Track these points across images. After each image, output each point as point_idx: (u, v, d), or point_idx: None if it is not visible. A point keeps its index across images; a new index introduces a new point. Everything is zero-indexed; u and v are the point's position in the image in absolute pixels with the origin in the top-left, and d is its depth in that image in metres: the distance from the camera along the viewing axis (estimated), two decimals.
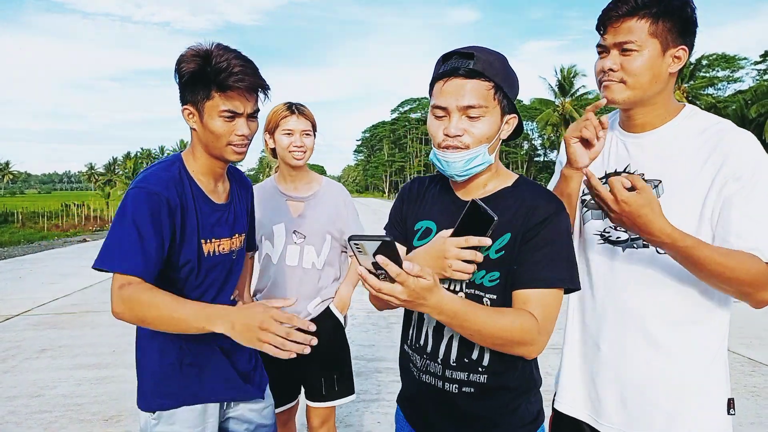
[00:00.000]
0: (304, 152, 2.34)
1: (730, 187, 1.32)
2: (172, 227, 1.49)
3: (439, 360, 1.37)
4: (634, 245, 1.47)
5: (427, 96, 1.38)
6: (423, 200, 1.48)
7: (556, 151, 79.45)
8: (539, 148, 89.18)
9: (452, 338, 1.35)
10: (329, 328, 2.41)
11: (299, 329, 1.29)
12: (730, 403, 1.46)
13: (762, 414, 3.91)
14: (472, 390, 1.34)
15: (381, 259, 1.06)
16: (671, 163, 1.43)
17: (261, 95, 1.57)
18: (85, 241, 18.86)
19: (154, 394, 1.60)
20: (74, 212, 31.07)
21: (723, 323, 1.46)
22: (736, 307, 1.50)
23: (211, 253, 1.60)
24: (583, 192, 1.60)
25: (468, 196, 1.37)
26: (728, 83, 58.21)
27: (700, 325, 1.44)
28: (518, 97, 1.39)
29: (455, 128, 1.27)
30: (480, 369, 1.33)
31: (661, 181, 1.43)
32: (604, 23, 1.44)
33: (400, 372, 1.57)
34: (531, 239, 1.28)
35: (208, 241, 1.59)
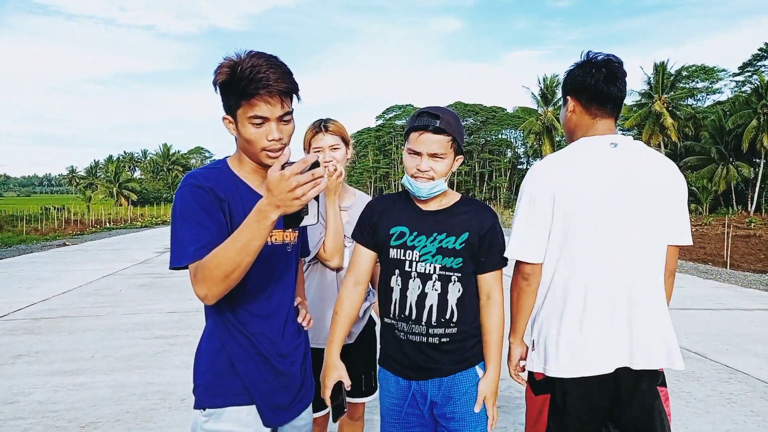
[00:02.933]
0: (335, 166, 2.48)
1: None
2: (223, 216, 1.56)
3: (423, 323, 1.96)
4: None
5: (411, 104, 1.52)
6: (392, 211, 2.04)
7: (538, 159, 80.00)
8: (522, 156, 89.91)
9: (432, 307, 1.96)
10: (368, 327, 2.63)
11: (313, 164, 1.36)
12: None
13: (738, 420, 3.97)
14: (448, 339, 1.97)
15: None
16: None
17: (295, 96, 1.62)
18: (65, 245, 18.59)
19: (207, 393, 1.66)
20: (54, 216, 30.62)
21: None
22: (711, 314, 1.55)
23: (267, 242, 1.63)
24: None
25: (428, 207, 2.00)
26: (707, 94, 59.21)
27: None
28: (501, 105, 1.49)
29: (425, 166, 1.90)
30: (452, 324, 1.96)
31: None
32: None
33: (381, 340, 2.13)
34: (486, 239, 1.97)
35: None
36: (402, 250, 1.97)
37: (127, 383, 4.61)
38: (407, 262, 1.96)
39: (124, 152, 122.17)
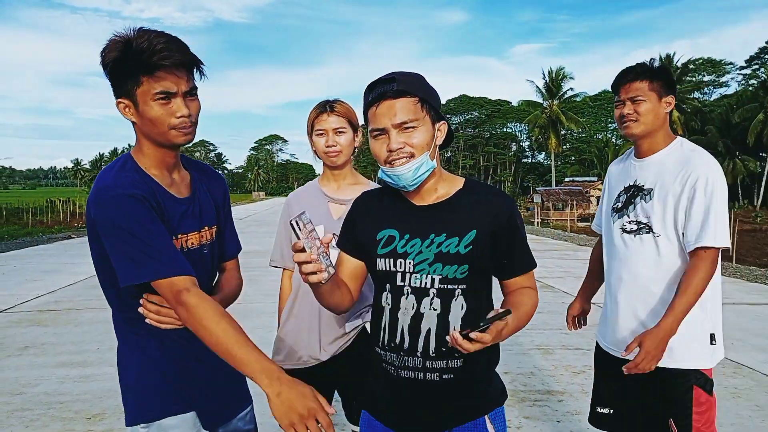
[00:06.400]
0: (339, 152, 2.20)
1: (689, 193, 2.01)
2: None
3: (418, 353, 1.50)
4: (642, 232, 2.12)
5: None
6: (378, 211, 1.62)
7: (543, 153, 79.88)
8: (527, 149, 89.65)
9: (429, 332, 1.50)
10: (360, 346, 2.24)
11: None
12: (713, 337, 2.07)
13: (743, 415, 3.96)
14: (452, 376, 1.50)
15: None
16: (660, 177, 2.10)
17: (198, 74, 1.48)
18: (70, 237, 18.68)
19: (140, 408, 1.54)
20: (60, 208, 30.75)
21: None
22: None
23: (184, 247, 1.54)
24: (615, 201, 2.27)
25: (423, 201, 1.56)
26: (714, 88, 58.86)
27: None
28: (506, 99, 1.48)
29: (396, 143, 1.44)
30: (456, 354, 1.48)
31: (652, 189, 2.11)
32: (617, 86, 2.18)
33: (371, 375, 1.66)
34: (505, 235, 1.53)
35: (176, 237, 1.52)
36: (391, 260, 1.53)
37: None
38: (398, 275, 1.52)
39: (129, 145, 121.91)
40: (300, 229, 1.24)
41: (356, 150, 2.30)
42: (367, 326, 2.26)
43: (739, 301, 8.15)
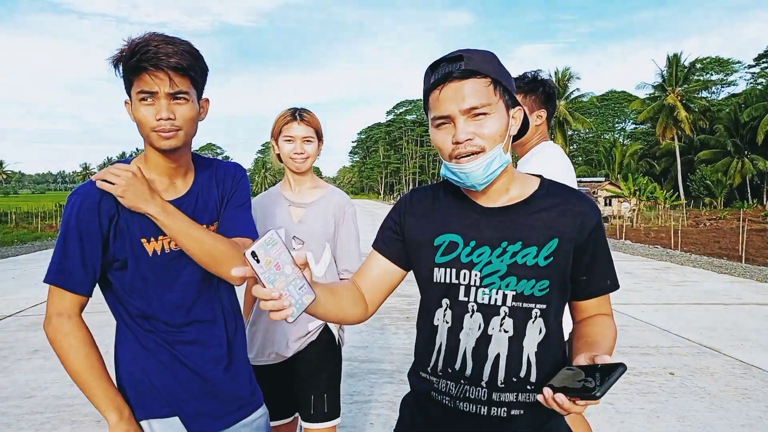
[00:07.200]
0: (306, 159, 2.31)
1: None
2: (106, 230, 1.47)
3: (483, 383, 1.25)
4: None
5: (422, 99, 1.34)
6: (433, 212, 1.37)
7: None
8: None
9: (498, 357, 1.25)
10: (325, 343, 2.31)
11: None
12: None
13: (752, 416, 3.93)
14: (522, 411, 1.25)
15: None
16: None
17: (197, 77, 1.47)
18: None
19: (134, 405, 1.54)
20: None
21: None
22: (726, 309, 1.54)
23: (158, 251, 1.51)
24: None
25: (492, 203, 1.31)
26: (722, 86, 58.54)
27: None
28: None
29: (464, 133, 1.20)
30: (529, 387, 1.25)
31: None
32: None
33: (408, 404, 1.43)
34: (589, 248, 1.30)
35: (152, 239, 1.50)
36: (453, 270, 1.29)
37: None
38: (462, 288, 1.28)
39: (137, 149, 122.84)
40: (259, 260, 1.01)
41: (318, 158, 2.41)
42: (330, 325, 2.31)
43: (749, 301, 8.09)
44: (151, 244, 1.49)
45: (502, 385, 1.24)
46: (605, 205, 37.03)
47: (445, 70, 1.22)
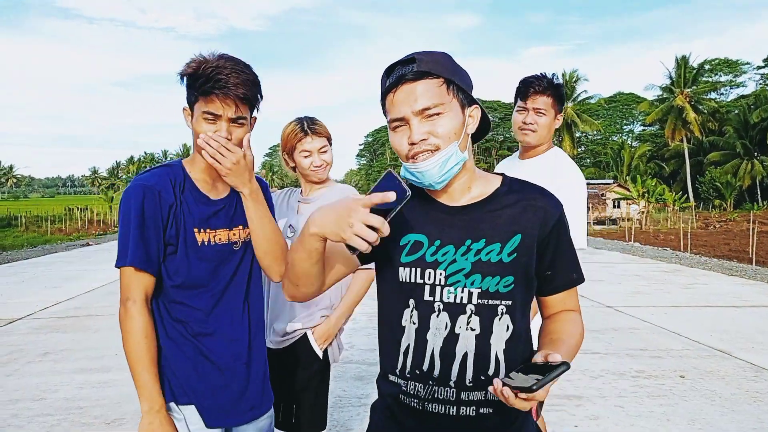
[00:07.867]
0: (325, 168, 2.38)
1: None
2: (166, 218, 1.61)
3: (452, 383, 1.25)
4: None
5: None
6: (401, 211, 1.40)
7: None
8: None
9: (466, 356, 1.25)
10: (305, 356, 2.29)
11: None
12: None
13: (764, 419, 3.90)
14: (491, 410, 1.25)
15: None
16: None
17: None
18: (88, 245, 18.89)
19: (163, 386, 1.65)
20: (77, 216, 31.14)
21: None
22: (737, 311, 1.53)
23: (206, 242, 1.67)
24: None
25: (454, 202, 1.32)
26: (731, 88, 58.18)
27: None
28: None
29: (418, 134, 1.22)
30: None
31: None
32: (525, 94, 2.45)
33: (377, 410, 1.41)
34: (552, 243, 1.31)
35: (202, 230, 1.67)
36: (419, 270, 1.28)
37: None
38: (427, 288, 1.27)
39: (145, 153, 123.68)
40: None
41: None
42: (308, 334, 2.28)
43: (760, 303, 8.01)
44: (201, 234, 1.66)
45: (471, 384, 1.25)
46: (614, 207, 36.86)
47: (399, 73, 1.24)
